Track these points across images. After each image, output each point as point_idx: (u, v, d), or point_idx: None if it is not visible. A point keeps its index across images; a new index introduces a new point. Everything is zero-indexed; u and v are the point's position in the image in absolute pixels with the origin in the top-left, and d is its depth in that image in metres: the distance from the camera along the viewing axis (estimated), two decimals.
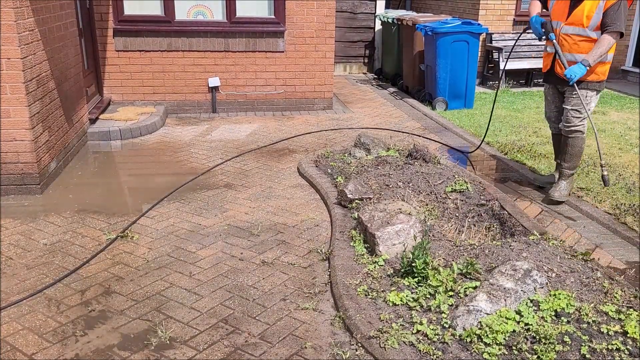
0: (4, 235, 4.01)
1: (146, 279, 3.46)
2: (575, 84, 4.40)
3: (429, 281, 3.17)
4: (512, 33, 9.85)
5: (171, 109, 7.53)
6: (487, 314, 2.84)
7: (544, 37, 4.61)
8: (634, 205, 4.60)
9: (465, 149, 6.19)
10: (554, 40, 4.51)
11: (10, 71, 4.45)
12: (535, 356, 2.63)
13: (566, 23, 4.49)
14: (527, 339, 2.74)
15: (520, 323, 2.83)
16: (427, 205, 4.34)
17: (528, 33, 4.84)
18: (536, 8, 4.76)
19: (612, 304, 3.02)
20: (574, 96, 4.53)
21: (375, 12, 11.14)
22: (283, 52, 7.60)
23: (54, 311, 3.12)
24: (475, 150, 5.97)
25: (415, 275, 3.23)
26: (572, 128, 4.64)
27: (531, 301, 2.97)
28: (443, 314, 2.93)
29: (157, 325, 2.99)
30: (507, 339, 2.73)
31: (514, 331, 2.78)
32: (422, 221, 3.77)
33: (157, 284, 3.41)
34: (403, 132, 6.87)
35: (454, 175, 4.70)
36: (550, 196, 4.73)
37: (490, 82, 10.03)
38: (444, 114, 7.83)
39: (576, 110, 4.57)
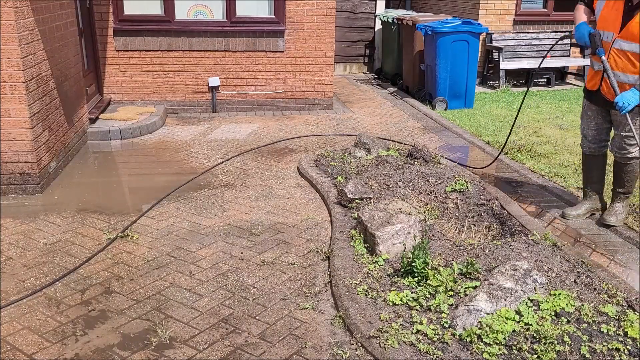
0: (4, 235, 4.01)
1: (146, 279, 3.46)
2: (628, 116, 3.73)
3: (429, 281, 3.16)
4: (512, 33, 9.85)
5: (171, 109, 7.53)
6: (487, 313, 2.84)
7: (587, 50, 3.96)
8: (633, 205, 4.59)
9: (461, 158, 6.16)
10: (604, 58, 3.78)
11: (10, 71, 4.45)
12: (535, 356, 2.63)
13: (619, 36, 3.76)
14: (527, 339, 2.74)
15: (520, 323, 2.83)
16: (427, 205, 4.33)
17: (566, 38, 4.20)
18: (583, 14, 4.08)
19: (612, 304, 3.02)
20: (627, 122, 3.88)
21: (376, 12, 11.14)
22: (283, 51, 7.60)
23: (54, 311, 3.12)
24: (491, 163, 5.48)
25: (415, 275, 3.23)
26: (628, 155, 4.06)
27: (531, 301, 2.97)
28: (443, 314, 2.93)
29: (157, 325, 2.99)
30: (507, 338, 2.73)
31: (514, 331, 2.78)
32: (422, 221, 3.77)
33: (157, 284, 3.41)
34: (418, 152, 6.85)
35: (454, 175, 4.70)
36: (605, 221, 4.20)
37: (490, 82, 10.03)
38: (444, 113, 7.83)
39: (630, 137, 3.98)
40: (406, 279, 3.26)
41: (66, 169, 5.39)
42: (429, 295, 3.11)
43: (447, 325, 2.84)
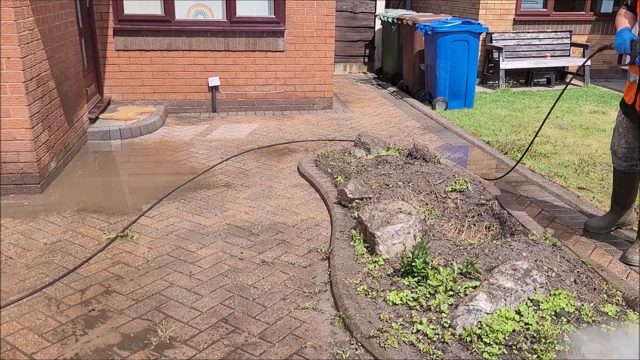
0: (4, 235, 4.01)
1: (146, 279, 3.46)
2: None
3: (428, 281, 3.17)
4: (512, 32, 9.85)
5: (171, 109, 7.52)
6: (487, 313, 2.84)
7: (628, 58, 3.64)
8: (636, 207, 4.59)
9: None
10: None
11: (10, 70, 4.45)
12: (535, 356, 2.63)
13: None
14: (527, 339, 2.74)
15: (520, 323, 2.83)
16: (427, 204, 4.33)
17: (606, 48, 3.71)
18: (625, 19, 3.71)
19: (612, 304, 3.02)
20: None
21: (376, 12, 11.14)
22: (283, 51, 7.59)
23: (54, 310, 3.12)
24: (508, 173, 5.25)
25: (415, 274, 3.23)
26: None
27: (531, 301, 2.97)
28: (443, 314, 2.93)
29: (157, 325, 2.99)
30: (507, 338, 2.73)
31: (514, 331, 2.78)
32: (422, 221, 3.77)
33: (157, 284, 3.41)
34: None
35: (454, 175, 4.70)
36: (627, 260, 3.74)
37: (490, 82, 10.03)
38: (444, 113, 7.83)
39: None
40: (406, 278, 3.26)
41: (66, 168, 5.38)
42: (429, 295, 3.11)
43: (447, 325, 2.85)
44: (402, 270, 3.30)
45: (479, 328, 2.78)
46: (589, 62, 9.94)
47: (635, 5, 3.71)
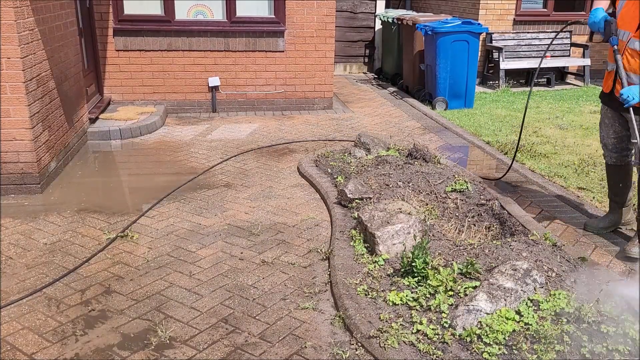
0: (4, 235, 4.01)
1: (146, 279, 3.46)
2: (632, 111, 3.52)
3: (428, 281, 3.16)
4: (512, 33, 9.85)
5: (171, 109, 7.53)
6: (487, 313, 2.84)
7: (597, 36, 3.79)
8: (633, 205, 4.59)
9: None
10: (616, 47, 3.61)
11: (10, 71, 4.45)
12: (535, 356, 2.63)
13: (634, 35, 3.58)
14: (527, 339, 2.74)
15: (520, 323, 2.83)
16: (427, 204, 4.33)
17: (578, 24, 4.08)
18: (602, 2, 3.84)
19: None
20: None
21: (376, 12, 11.14)
22: (283, 51, 7.60)
23: (54, 310, 3.12)
24: (505, 174, 5.23)
25: (415, 274, 3.23)
26: None
27: (531, 301, 2.97)
28: (443, 314, 2.93)
29: (157, 325, 2.99)
30: (507, 338, 2.73)
31: (514, 331, 2.78)
32: (422, 221, 3.77)
33: (157, 284, 3.41)
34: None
35: (454, 175, 4.70)
36: (628, 253, 3.79)
37: (490, 82, 10.03)
38: (444, 113, 7.84)
39: None
40: (406, 279, 3.26)
41: (66, 168, 5.38)
42: (429, 295, 3.11)
43: (447, 325, 2.84)
44: (402, 270, 3.30)
45: (479, 328, 2.78)
46: (587, 62, 9.95)
47: None
